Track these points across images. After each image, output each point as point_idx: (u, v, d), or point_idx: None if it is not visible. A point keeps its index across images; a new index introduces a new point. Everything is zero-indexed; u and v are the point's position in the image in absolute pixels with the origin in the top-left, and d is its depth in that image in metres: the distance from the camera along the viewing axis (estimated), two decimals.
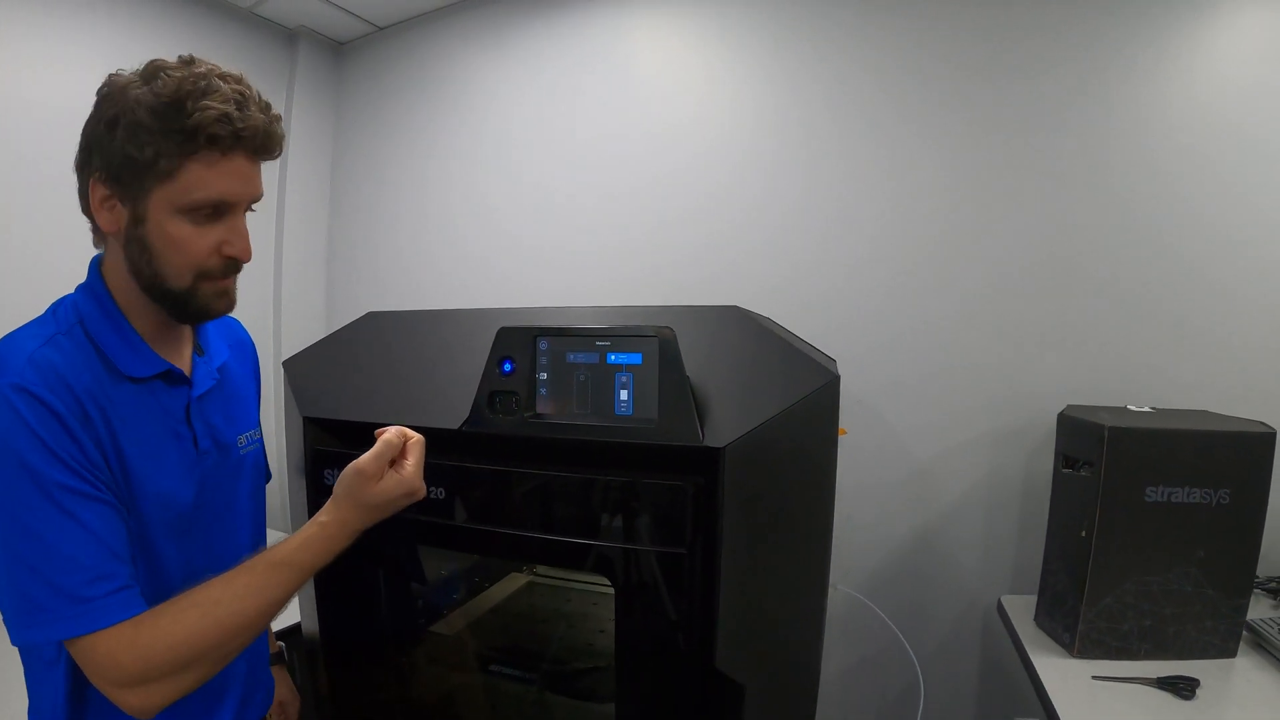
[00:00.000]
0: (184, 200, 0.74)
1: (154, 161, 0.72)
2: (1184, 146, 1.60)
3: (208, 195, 0.75)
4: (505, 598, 1.43)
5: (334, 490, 0.85)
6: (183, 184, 0.73)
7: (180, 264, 0.77)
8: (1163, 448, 1.28)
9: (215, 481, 0.89)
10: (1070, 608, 1.35)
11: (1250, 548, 1.30)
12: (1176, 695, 1.20)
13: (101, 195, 0.76)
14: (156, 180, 0.73)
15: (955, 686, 1.85)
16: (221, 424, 0.91)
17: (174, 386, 0.84)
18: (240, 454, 0.94)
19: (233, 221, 0.79)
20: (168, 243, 0.75)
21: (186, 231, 0.76)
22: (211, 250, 0.78)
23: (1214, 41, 1.57)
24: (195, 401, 0.86)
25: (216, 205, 0.76)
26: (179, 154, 0.72)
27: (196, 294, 0.79)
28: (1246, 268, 1.57)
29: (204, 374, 0.89)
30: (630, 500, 0.96)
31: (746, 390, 0.97)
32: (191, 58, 0.76)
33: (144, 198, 0.74)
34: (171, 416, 0.83)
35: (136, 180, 0.74)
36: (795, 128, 1.92)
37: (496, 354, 1.04)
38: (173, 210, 0.74)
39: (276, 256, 2.51)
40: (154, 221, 0.75)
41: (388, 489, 0.85)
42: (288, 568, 0.79)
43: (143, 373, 0.80)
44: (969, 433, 1.78)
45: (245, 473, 0.96)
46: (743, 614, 0.97)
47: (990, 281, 1.75)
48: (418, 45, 2.47)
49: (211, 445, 0.88)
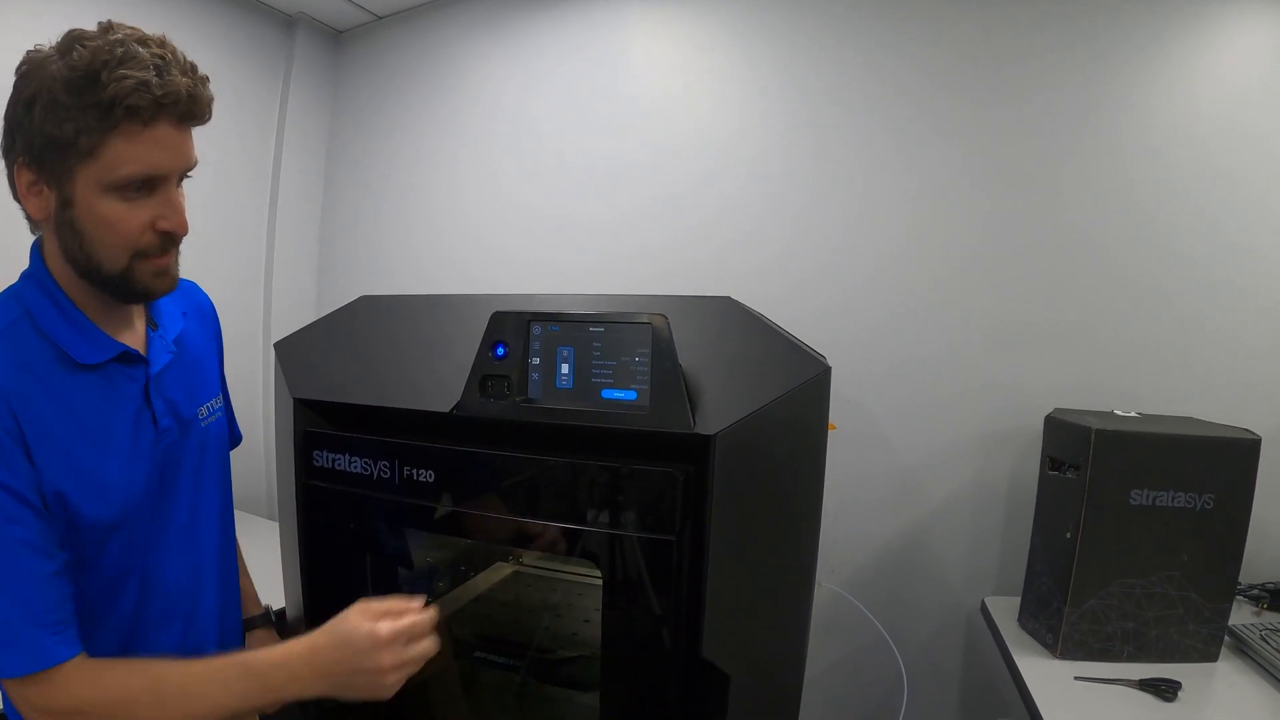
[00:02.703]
0: (110, 178, 0.70)
1: (74, 139, 0.68)
2: (1180, 149, 1.62)
3: (134, 170, 0.71)
4: (491, 587, 1.43)
5: (331, 630, 0.79)
6: (106, 161, 0.69)
7: (114, 245, 0.73)
8: (1148, 452, 1.29)
9: (177, 459, 0.88)
10: (1054, 609, 1.36)
11: (1233, 553, 1.31)
12: (1158, 697, 1.21)
13: (28, 181, 0.72)
14: (79, 159, 0.69)
15: (939, 686, 1.86)
16: (181, 398, 0.89)
17: (131, 367, 0.82)
18: (203, 426, 0.93)
19: (165, 195, 0.74)
20: (99, 224, 0.72)
21: (117, 210, 0.72)
22: (145, 227, 0.74)
23: (1216, 42, 1.59)
24: (153, 379, 0.84)
25: (145, 180, 0.72)
26: (99, 129, 0.68)
27: (135, 275, 0.75)
28: (1240, 271, 1.59)
29: (160, 349, 0.86)
30: (620, 486, 0.96)
31: (738, 379, 0.97)
32: (110, 24, 0.71)
33: (69, 179, 0.70)
34: (129, 399, 0.81)
35: (60, 161, 0.70)
36: (788, 121, 1.93)
37: (489, 338, 1.04)
38: (100, 189, 0.70)
39: (269, 241, 2.50)
40: (82, 203, 0.71)
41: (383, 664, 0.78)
42: (256, 680, 0.77)
43: (98, 359, 0.77)
44: (957, 434, 1.79)
45: (210, 445, 0.95)
46: (730, 603, 0.97)
47: (981, 285, 1.77)
48: (417, 34, 2.48)
49: (172, 422, 0.86)
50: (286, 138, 2.48)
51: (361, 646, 0.77)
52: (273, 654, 0.79)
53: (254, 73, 2.42)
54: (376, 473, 1.08)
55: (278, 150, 2.49)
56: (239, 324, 2.44)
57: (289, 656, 0.78)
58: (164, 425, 0.85)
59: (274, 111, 2.49)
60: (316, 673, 0.77)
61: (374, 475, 1.08)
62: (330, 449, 1.11)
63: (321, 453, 1.12)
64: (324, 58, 2.61)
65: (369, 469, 1.09)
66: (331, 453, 1.11)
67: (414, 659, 0.80)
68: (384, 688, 0.79)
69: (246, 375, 2.42)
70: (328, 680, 0.77)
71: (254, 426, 2.34)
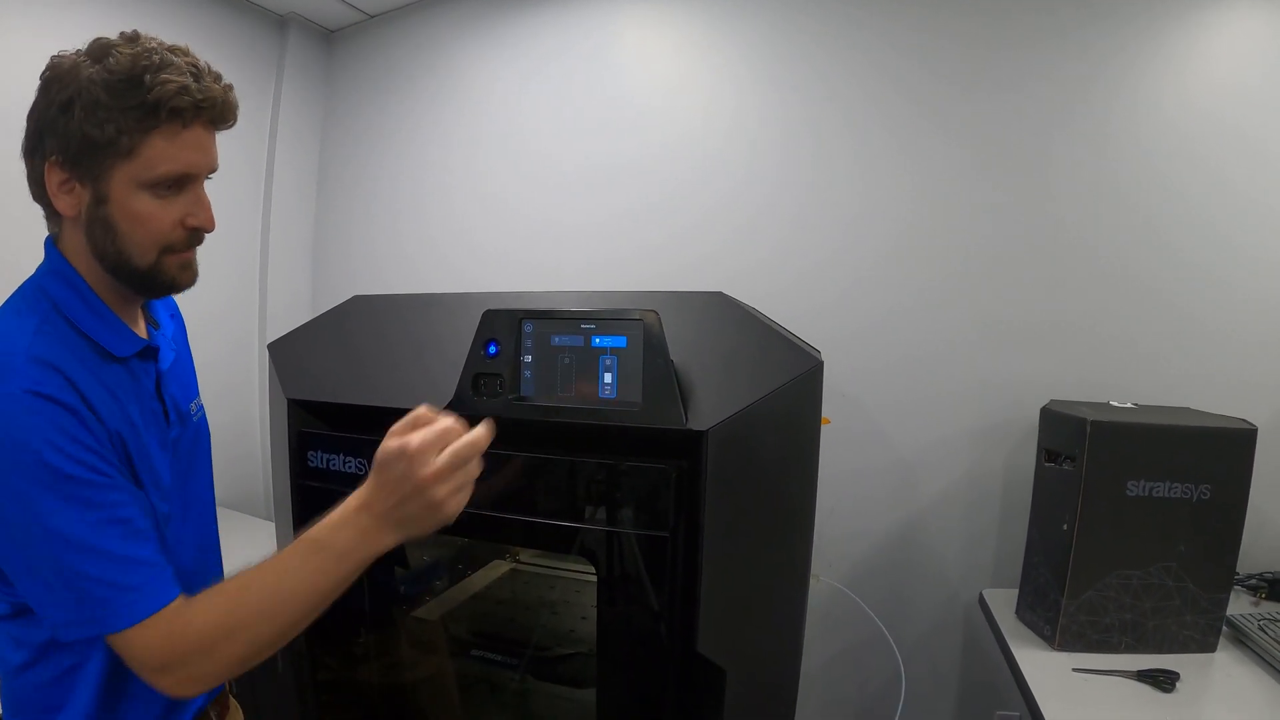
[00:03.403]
0: (148, 175, 0.74)
1: (115, 139, 0.71)
2: (1174, 144, 1.62)
3: (172, 168, 0.75)
4: (488, 584, 1.43)
5: (373, 467, 0.74)
6: (145, 159, 0.73)
7: (145, 240, 0.76)
8: (1144, 442, 1.29)
9: (188, 452, 0.91)
10: (1051, 601, 1.36)
11: (1230, 543, 1.31)
12: (1156, 688, 1.21)
13: (59, 179, 0.74)
14: (118, 158, 0.72)
15: (937, 679, 1.86)
16: (180, 394, 0.92)
17: (146, 362, 0.84)
18: (195, 422, 0.95)
19: (194, 193, 0.79)
20: (133, 220, 0.75)
21: (151, 207, 0.75)
22: (175, 224, 0.78)
23: (1207, 42, 1.59)
24: (164, 375, 0.87)
25: (180, 178, 0.76)
26: (140, 129, 0.72)
27: (162, 268, 0.79)
28: (1233, 265, 1.59)
29: (165, 346, 0.90)
30: (614, 483, 0.96)
31: (730, 375, 0.97)
32: (136, 34, 0.75)
33: (105, 177, 0.73)
34: (147, 394, 0.83)
35: (96, 160, 0.73)
36: (783, 117, 1.93)
37: (482, 336, 1.04)
38: (136, 186, 0.74)
39: (263, 242, 2.50)
40: (117, 200, 0.74)
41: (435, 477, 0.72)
42: (327, 550, 0.72)
43: (126, 351, 0.80)
44: (953, 428, 1.79)
45: (201, 440, 0.97)
46: (725, 598, 0.97)
47: (977, 280, 1.76)
48: (408, 33, 2.47)
49: (177, 417, 0.89)
50: (279, 138, 2.48)
51: (397, 468, 0.71)
52: (332, 517, 0.74)
53: (246, 73, 2.41)
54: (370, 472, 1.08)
55: (270, 150, 2.48)
56: (234, 326, 2.42)
57: (345, 512, 0.74)
58: (173, 419, 0.88)
59: (266, 111, 2.49)
60: (375, 517, 0.72)
61: (368, 475, 1.08)
62: (324, 449, 1.12)
63: (316, 453, 1.12)
64: (316, 57, 2.61)
65: (363, 469, 1.09)
66: (326, 453, 1.12)
67: (458, 467, 0.73)
68: (440, 508, 0.72)
69: (242, 376, 2.41)
70: (388, 520, 0.72)
71: (250, 427, 2.35)
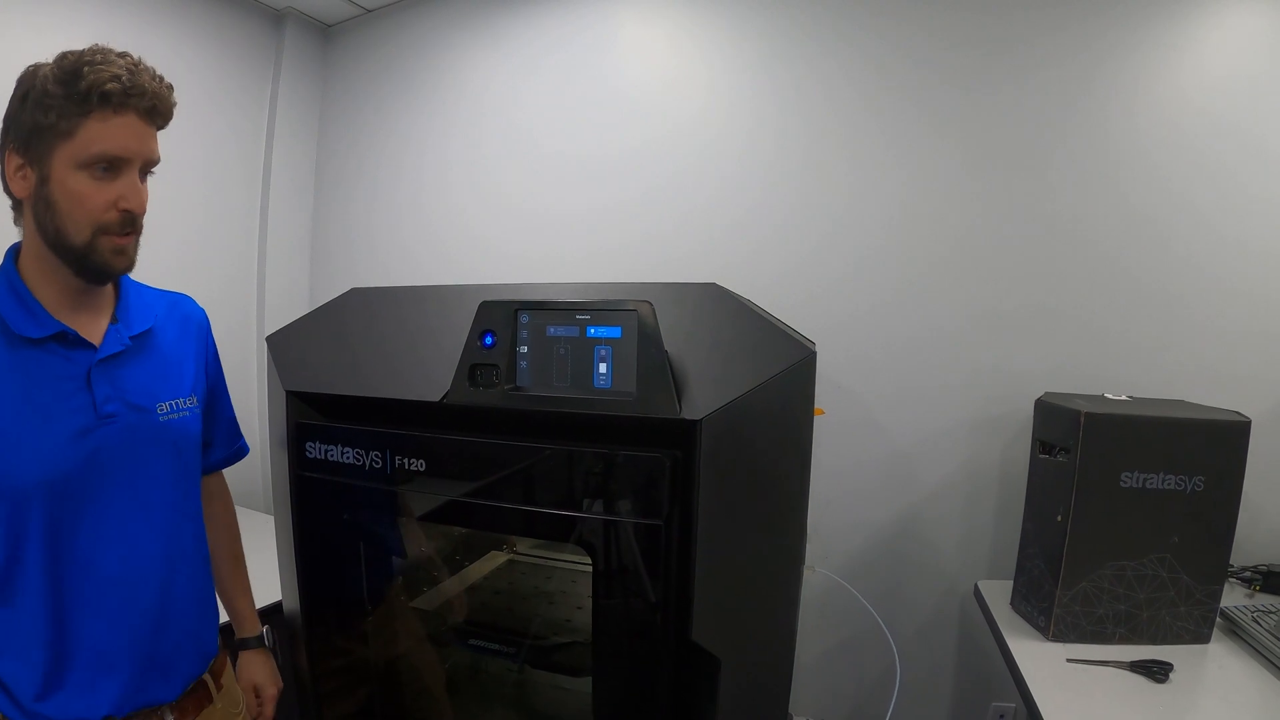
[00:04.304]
0: (82, 155, 0.81)
1: (55, 123, 0.80)
2: (1169, 139, 1.63)
3: (103, 149, 0.82)
4: (486, 575, 1.44)
5: None
6: (81, 140, 0.81)
7: (80, 218, 0.83)
8: (1138, 434, 1.30)
9: (124, 445, 0.90)
10: (1046, 592, 1.37)
11: (1224, 535, 1.32)
12: (1150, 678, 1.22)
13: (15, 165, 0.84)
14: (58, 139, 0.81)
15: (933, 669, 1.87)
16: (135, 389, 0.93)
17: (72, 349, 0.88)
18: (161, 420, 0.95)
19: (129, 178, 0.85)
20: (69, 197, 0.82)
21: (86, 186, 0.82)
22: (108, 205, 0.84)
23: (1201, 36, 1.60)
24: (99, 365, 0.89)
25: (111, 160, 0.83)
26: (77, 114, 0.80)
27: (95, 249, 0.85)
28: (1229, 259, 1.60)
29: (113, 339, 0.92)
30: (609, 472, 0.97)
31: (724, 365, 0.97)
32: (96, 46, 0.84)
33: (49, 158, 0.82)
34: (66, 380, 0.87)
35: (42, 143, 0.82)
36: (778, 109, 1.93)
37: (478, 327, 1.05)
38: (73, 166, 0.82)
39: (261, 236, 2.51)
40: (57, 179, 0.82)
41: None
42: None
43: (35, 333, 0.85)
44: (949, 420, 1.80)
45: (166, 439, 0.96)
46: (719, 586, 0.98)
47: (972, 271, 1.77)
48: (405, 27, 2.48)
49: (121, 408, 0.90)
50: (277, 132, 2.49)
51: None
52: None
53: (244, 67, 2.42)
54: (368, 463, 1.09)
55: (268, 144, 2.49)
56: (232, 319, 2.44)
57: None
58: (107, 410, 0.89)
59: (264, 106, 2.50)
60: None
61: (366, 465, 1.09)
62: (322, 440, 1.13)
63: (314, 444, 1.13)
64: (313, 52, 2.61)
65: (361, 459, 1.10)
66: (324, 444, 1.13)
67: None
68: None
69: (240, 370, 2.42)
70: None
71: (249, 420, 2.34)
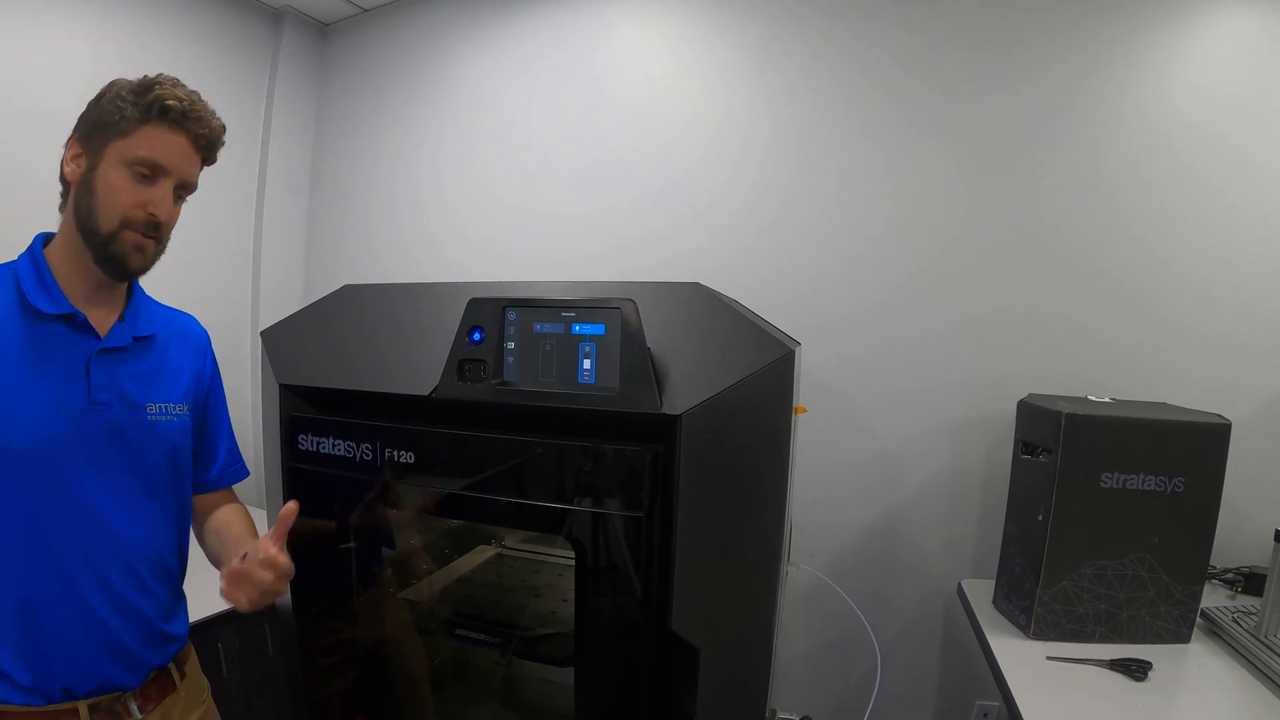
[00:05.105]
0: (130, 154, 0.90)
1: (117, 123, 0.90)
2: (1156, 146, 1.65)
3: (149, 154, 0.91)
4: (474, 568, 1.46)
5: None
6: (133, 141, 0.90)
7: (112, 208, 0.91)
8: (1118, 435, 1.31)
9: (112, 434, 0.93)
10: (1027, 591, 1.38)
11: (1204, 535, 1.33)
12: (1128, 676, 1.23)
13: (74, 152, 0.93)
14: (115, 136, 0.90)
15: (919, 667, 1.88)
16: (130, 385, 0.97)
17: (79, 334, 0.94)
18: (149, 419, 0.98)
19: (163, 189, 0.93)
20: (108, 188, 0.91)
21: (124, 182, 0.91)
22: (139, 204, 0.91)
23: (1188, 47, 1.63)
24: (100, 354, 0.94)
25: (153, 166, 0.91)
26: (139, 119, 0.90)
27: (119, 239, 0.92)
28: (1212, 264, 1.62)
29: (118, 333, 0.97)
30: (592, 465, 1.00)
31: (704, 362, 1.00)
32: (172, 77, 0.95)
33: (102, 150, 0.91)
34: (68, 360, 0.92)
35: (101, 137, 0.91)
36: (770, 113, 1.96)
37: (467, 324, 1.07)
38: (120, 162, 0.90)
39: (256, 233, 2.53)
40: (103, 169, 0.91)
41: None
42: None
43: (49, 310, 0.91)
44: (936, 420, 1.81)
45: (155, 439, 0.98)
46: (698, 578, 1.00)
47: (959, 274, 1.79)
48: (402, 27, 2.51)
49: (113, 399, 0.94)
50: (273, 130, 2.51)
51: None
52: None
53: (240, 66, 2.44)
54: (359, 455, 1.12)
55: (264, 143, 2.52)
56: (227, 314, 2.47)
57: None
58: (102, 398, 0.93)
59: (261, 103, 2.52)
60: None
61: (356, 457, 1.12)
62: (314, 433, 1.15)
63: (306, 436, 1.16)
64: (310, 51, 2.64)
65: (351, 451, 1.12)
66: (316, 436, 1.15)
67: None
68: None
69: (235, 364, 2.43)
70: None
71: (243, 414, 2.37)
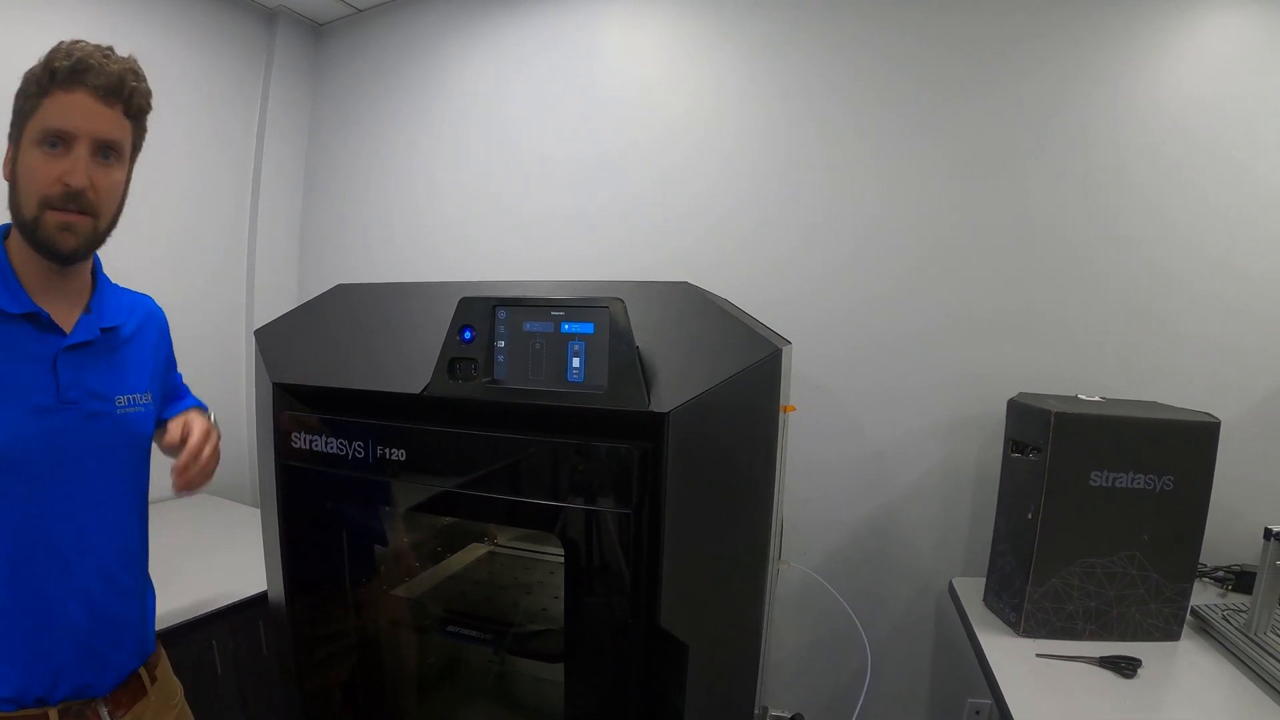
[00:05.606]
0: (38, 130, 0.86)
1: (25, 105, 0.88)
2: (1146, 147, 1.66)
3: (53, 124, 0.86)
4: (466, 566, 1.47)
5: None
6: (38, 117, 0.87)
7: (30, 192, 0.87)
8: (1107, 434, 1.32)
9: (82, 433, 0.92)
10: (1017, 588, 1.39)
11: (1193, 533, 1.33)
12: (1118, 674, 1.23)
13: (9, 154, 0.91)
14: (26, 119, 0.87)
15: (910, 665, 1.89)
16: (97, 380, 0.95)
17: (43, 332, 0.90)
18: (119, 414, 0.97)
19: (75, 155, 0.87)
20: (24, 173, 0.88)
21: (38, 161, 0.87)
22: (54, 180, 0.86)
23: (1179, 48, 1.64)
24: (66, 351, 0.92)
25: (58, 135, 0.86)
26: (40, 94, 0.86)
27: (41, 223, 0.88)
28: (1202, 264, 1.63)
29: (83, 328, 0.95)
30: (581, 462, 1.00)
31: (692, 360, 1.01)
32: (78, 39, 0.89)
33: (21, 138, 0.88)
34: (33, 359, 0.89)
35: (18, 125, 0.89)
36: (761, 113, 1.96)
37: (457, 323, 1.08)
38: (32, 143, 0.87)
39: (250, 232, 2.53)
40: (22, 156, 0.88)
41: None
42: None
43: (11, 309, 0.88)
44: (928, 419, 1.82)
45: (124, 433, 0.98)
46: (687, 575, 1.01)
47: (949, 273, 1.80)
48: (396, 27, 2.51)
49: (82, 396, 0.92)
50: (267, 130, 2.52)
51: None
52: None
53: (235, 66, 2.44)
54: (351, 453, 1.13)
55: (259, 142, 2.53)
56: (221, 313, 2.45)
57: None
58: (71, 397, 0.91)
59: (255, 103, 2.53)
60: None
61: (349, 455, 1.13)
62: (307, 431, 1.16)
63: (299, 435, 1.17)
64: (304, 51, 2.64)
65: (344, 449, 1.13)
66: (309, 434, 1.16)
67: None
68: None
69: (229, 362, 2.43)
70: None
71: (237, 413, 2.38)
